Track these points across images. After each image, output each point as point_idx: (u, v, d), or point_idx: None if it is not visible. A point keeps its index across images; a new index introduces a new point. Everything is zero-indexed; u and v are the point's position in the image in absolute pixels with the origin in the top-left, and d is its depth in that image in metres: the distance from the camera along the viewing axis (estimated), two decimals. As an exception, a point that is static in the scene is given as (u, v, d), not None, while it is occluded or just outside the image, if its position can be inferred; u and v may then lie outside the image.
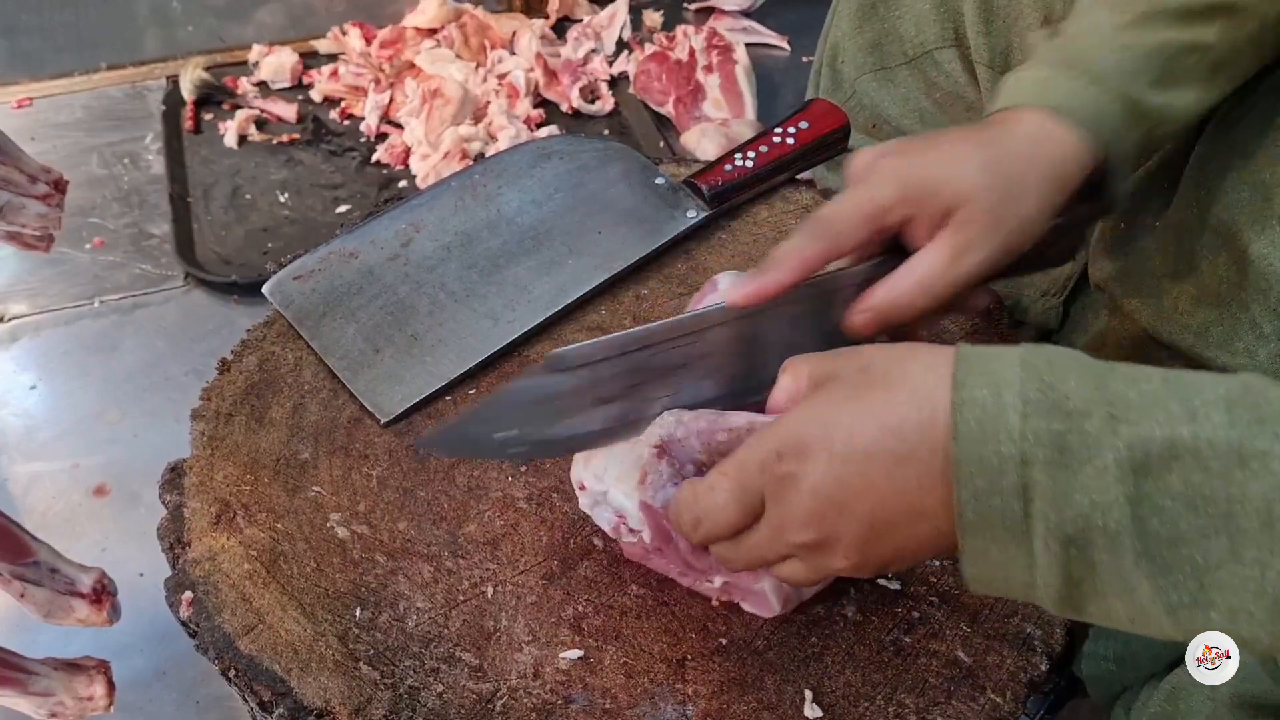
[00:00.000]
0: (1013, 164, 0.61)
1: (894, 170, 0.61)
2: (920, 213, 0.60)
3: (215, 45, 1.75)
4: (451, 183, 0.90)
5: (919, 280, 0.60)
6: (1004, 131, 0.63)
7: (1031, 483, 0.45)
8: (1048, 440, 0.45)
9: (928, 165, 0.61)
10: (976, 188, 0.59)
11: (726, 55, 1.67)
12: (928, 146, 0.62)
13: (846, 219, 0.60)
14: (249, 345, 0.80)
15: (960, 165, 0.60)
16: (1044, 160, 0.62)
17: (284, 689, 0.61)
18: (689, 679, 0.63)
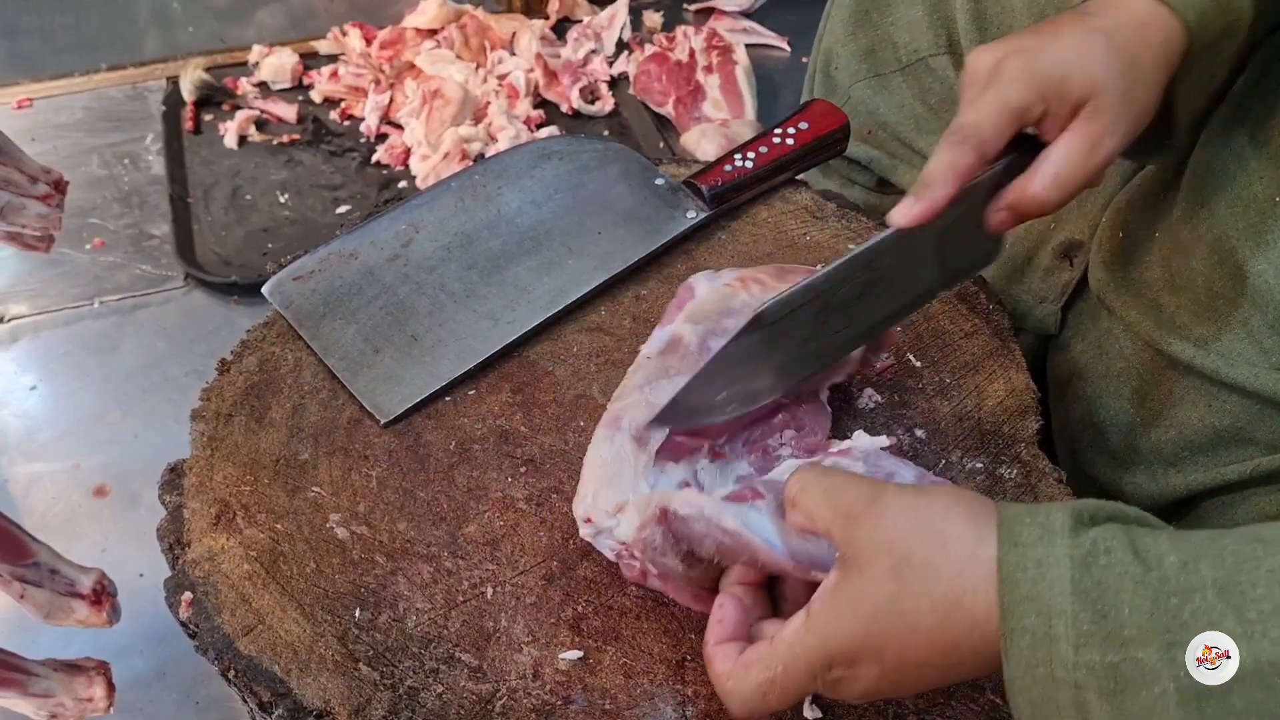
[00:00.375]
0: (1132, 50, 0.62)
1: (1023, 69, 0.62)
2: (1053, 107, 0.62)
3: (215, 46, 1.75)
4: (451, 183, 0.90)
5: (1058, 173, 0.62)
6: (1116, 17, 0.63)
7: (1088, 704, 0.44)
8: (1102, 672, 0.44)
9: (1056, 61, 0.62)
10: (1104, 77, 0.61)
11: (726, 56, 1.67)
12: (1048, 40, 0.63)
13: (990, 124, 0.61)
14: (249, 346, 0.80)
15: (1086, 56, 0.61)
16: (1156, 43, 0.63)
17: (283, 689, 0.61)
18: (689, 680, 0.63)
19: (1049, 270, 0.87)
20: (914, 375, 0.79)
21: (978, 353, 0.81)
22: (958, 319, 0.83)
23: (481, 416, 0.76)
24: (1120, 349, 0.80)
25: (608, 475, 0.65)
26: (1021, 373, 0.80)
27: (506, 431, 0.75)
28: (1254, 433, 0.73)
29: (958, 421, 0.76)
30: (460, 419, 0.76)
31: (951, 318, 0.83)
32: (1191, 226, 0.72)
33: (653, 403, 0.66)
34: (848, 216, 0.91)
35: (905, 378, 0.79)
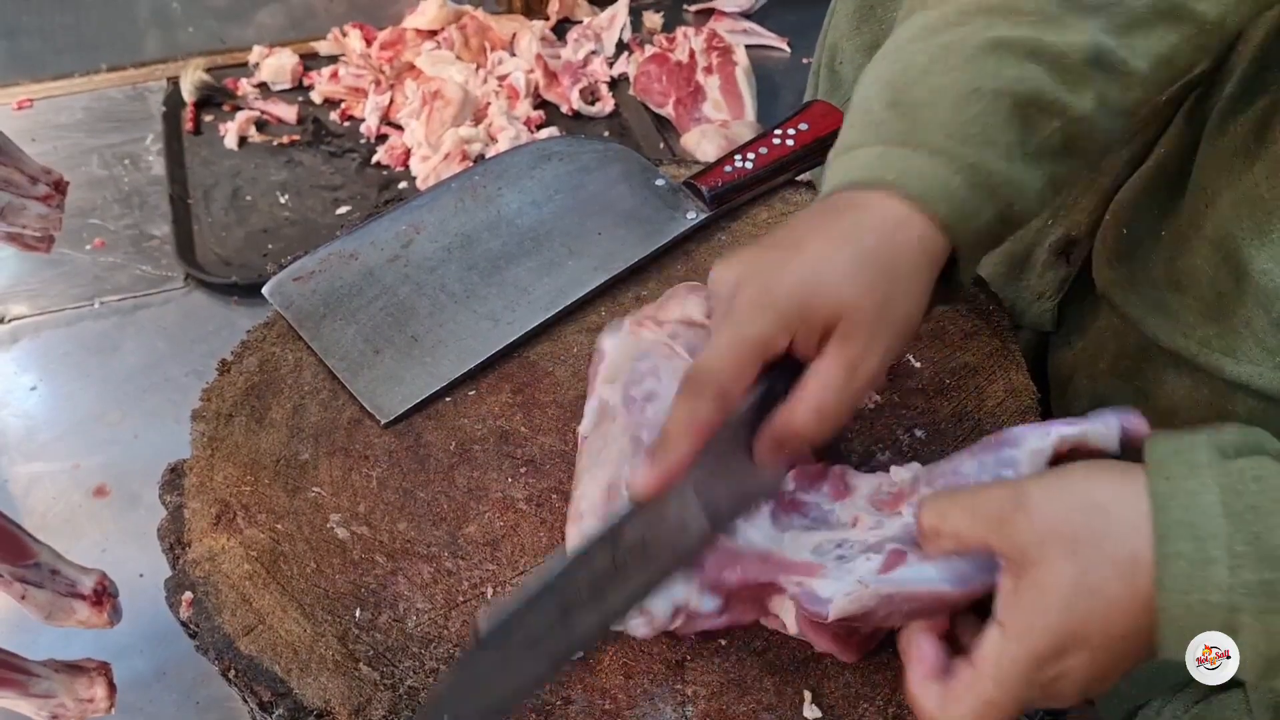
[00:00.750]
0: (884, 257, 0.56)
1: (760, 299, 0.55)
2: (800, 334, 0.55)
3: (216, 47, 1.75)
4: (451, 184, 0.90)
5: (819, 405, 0.55)
6: (863, 219, 0.57)
7: (1239, 624, 0.46)
8: (1258, 590, 0.46)
9: (796, 284, 0.55)
10: (853, 295, 0.55)
11: (726, 57, 1.67)
12: (788, 256, 0.56)
13: (729, 369, 0.55)
14: (249, 346, 0.80)
15: (831, 274, 0.55)
16: (912, 245, 0.57)
17: (284, 689, 0.61)
18: (688, 680, 0.63)
19: (1046, 267, 0.87)
20: (913, 375, 0.79)
21: (978, 353, 0.81)
22: (957, 319, 0.83)
23: (482, 417, 0.76)
24: (1124, 345, 0.80)
25: None
26: (1021, 373, 0.80)
27: (507, 432, 0.75)
28: None
29: (957, 422, 0.76)
30: (460, 419, 0.76)
31: (951, 318, 0.83)
32: (1195, 224, 0.72)
33: (602, 480, 0.64)
34: (847, 217, 0.91)
35: (904, 378, 0.79)
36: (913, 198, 0.57)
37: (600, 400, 0.68)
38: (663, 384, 0.67)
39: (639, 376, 0.68)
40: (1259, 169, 0.69)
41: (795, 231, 0.58)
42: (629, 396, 0.67)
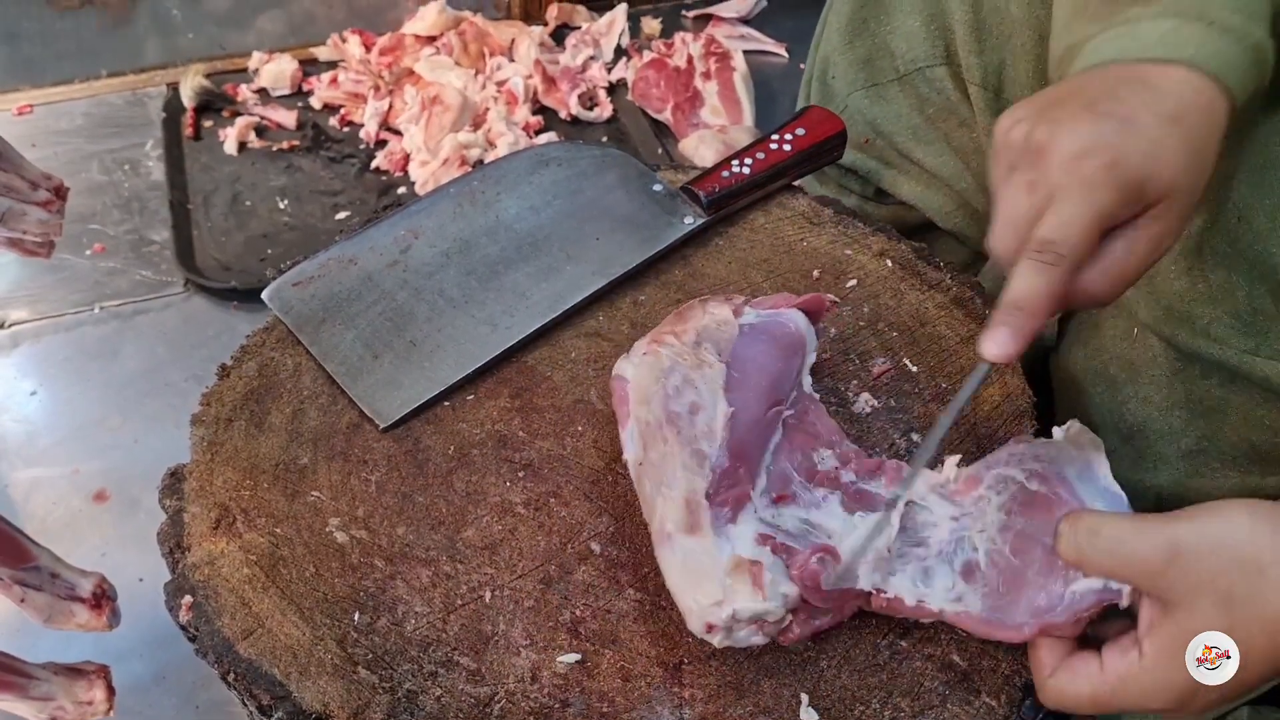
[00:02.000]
0: (1202, 140, 0.58)
1: (1110, 173, 0.56)
2: (1130, 209, 0.58)
3: (215, 53, 1.75)
4: (450, 189, 0.90)
5: (1119, 270, 0.58)
6: (1183, 99, 0.58)
7: None
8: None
9: (1140, 164, 0.56)
10: (1181, 181, 0.57)
11: (724, 62, 1.67)
12: (1127, 131, 0.57)
13: (1084, 240, 0.56)
14: (248, 351, 0.80)
15: (1166, 157, 0.57)
16: (1217, 129, 0.59)
17: (283, 693, 0.61)
18: (686, 683, 0.63)
19: None
20: (910, 380, 0.80)
21: (973, 357, 0.81)
22: (954, 324, 0.84)
23: (480, 421, 0.76)
24: (1138, 351, 0.80)
25: (691, 579, 0.62)
26: (1017, 377, 0.80)
27: (505, 436, 0.75)
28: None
29: (953, 426, 0.77)
30: (459, 424, 0.76)
31: (948, 323, 0.84)
32: (1227, 240, 0.71)
33: (677, 497, 0.65)
34: (844, 222, 0.91)
35: (902, 382, 0.79)
36: (1213, 76, 0.58)
37: (640, 423, 0.68)
38: (701, 393, 0.69)
39: (674, 391, 0.69)
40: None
41: (1116, 98, 0.58)
42: (672, 413, 0.68)
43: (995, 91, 0.91)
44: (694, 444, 0.66)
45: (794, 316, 0.74)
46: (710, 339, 0.71)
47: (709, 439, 0.67)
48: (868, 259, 0.89)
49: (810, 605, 0.62)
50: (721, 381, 0.69)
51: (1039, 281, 0.56)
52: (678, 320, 0.74)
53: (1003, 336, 0.56)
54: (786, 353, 0.72)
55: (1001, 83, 0.90)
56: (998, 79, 0.90)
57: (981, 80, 0.91)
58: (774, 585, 0.60)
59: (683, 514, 0.64)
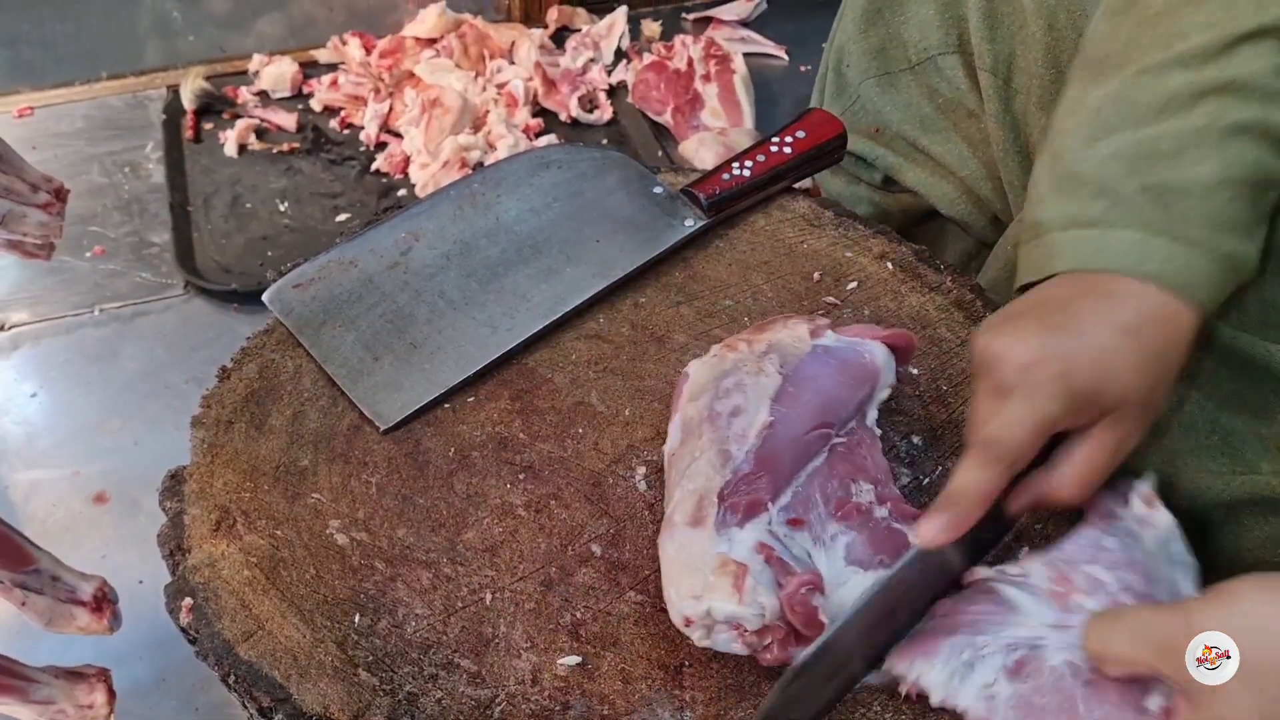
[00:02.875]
0: (1158, 349, 0.60)
1: (1058, 382, 0.59)
2: (1082, 417, 0.60)
3: (216, 55, 1.76)
4: (450, 191, 0.90)
5: (1084, 476, 0.61)
6: (1140, 309, 0.60)
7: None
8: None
9: (1090, 373, 0.59)
10: (1138, 388, 0.60)
11: (724, 65, 1.68)
12: (1078, 341, 0.60)
13: (1025, 444, 0.59)
14: (249, 353, 0.80)
15: (1118, 366, 0.59)
16: (1180, 338, 0.61)
17: (283, 695, 0.61)
18: (686, 685, 0.63)
19: None
20: (911, 383, 0.80)
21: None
22: (955, 327, 0.84)
23: (480, 423, 0.76)
24: None
25: (680, 570, 0.62)
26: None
27: (505, 438, 0.75)
28: None
29: (954, 429, 0.77)
30: (459, 426, 0.76)
31: (949, 325, 0.84)
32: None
33: (692, 490, 0.65)
34: (845, 224, 0.91)
35: (903, 385, 0.79)
36: (1178, 290, 0.60)
37: (684, 417, 0.70)
38: (748, 398, 0.69)
39: (724, 393, 0.70)
40: None
41: (1071, 310, 0.61)
42: (714, 412, 0.69)
43: (1005, 79, 0.91)
44: (724, 444, 0.67)
45: (873, 348, 0.73)
46: (779, 351, 0.72)
47: (740, 442, 0.67)
48: (868, 261, 0.89)
49: (794, 630, 0.61)
50: (772, 392, 0.69)
51: (978, 476, 0.60)
52: (757, 330, 0.75)
53: (939, 524, 0.60)
54: (853, 381, 0.72)
55: (1011, 71, 0.90)
56: (1008, 67, 0.91)
57: (992, 67, 0.91)
58: (754, 592, 0.60)
59: (692, 506, 0.64)
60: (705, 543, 0.62)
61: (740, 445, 0.67)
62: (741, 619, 0.60)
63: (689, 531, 0.63)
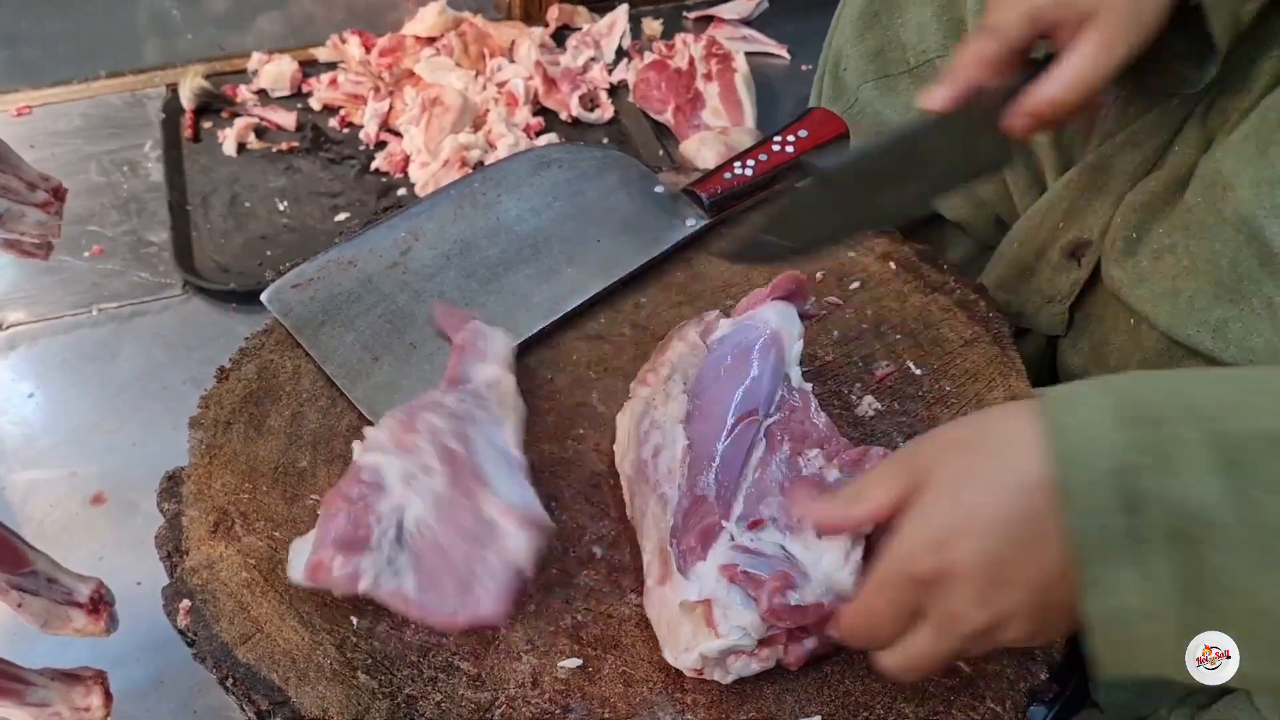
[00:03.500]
0: None
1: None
2: (1067, 15, 0.67)
3: (215, 54, 1.75)
4: (450, 191, 0.90)
5: (1073, 77, 0.66)
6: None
7: (1138, 493, 0.46)
8: (1145, 447, 0.46)
9: None
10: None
11: (726, 64, 1.67)
12: None
13: (1014, 21, 0.67)
14: (247, 353, 0.80)
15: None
16: None
17: (281, 698, 0.61)
18: (688, 688, 0.63)
19: (1056, 270, 0.87)
20: (914, 383, 0.79)
21: (978, 360, 0.81)
22: (958, 326, 0.83)
23: (480, 424, 0.75)
24: (1136, 346, 0.80)
25: (668, 630, 0.63)
26: (1022, 380, 0.80)
27: (506, 439, 0.75)
28: None
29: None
30: (459, 427, 0.75)
31: (952, 325, 0.83)
32: (1214, 210, 0.73)
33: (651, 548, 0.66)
34: (847, 224, 0.91)
35: (905, 385, 0.79)
36: None
37: (624, 479, 0.70)
38: (664, 432, 0.68)
39: (644, 437, 0.69)
40: (1274, 153, 0.70)
41: None
42: (641, 460, 0.68)
43: None
44: (659, 489, 0.66)
45: (766, 315, 0.72)
46: (680, 369, 0.71)
47: (670, 480, 0.66)
48: (871, 261, 0.88)
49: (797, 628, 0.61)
50: (680, 415, 0.68)
51: (971, 48, 0.68)
52: (657, 355, 0.74)
53: (939, 88, 0.69)
54: (760, 357, 0.71)
55: None
56: None
57: None
58: (727, 619, 0.59)
59: (657, 565, 0.64)
60: (676, 594, 0.62)
61: (671, 483, 0.66)
62: (733, 647, 0.59)
63: (661, 590, 0.63)
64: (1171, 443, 0.46)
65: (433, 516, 0.65)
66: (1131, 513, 0.46)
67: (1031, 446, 0.48)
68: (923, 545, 0.52)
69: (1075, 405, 0.49)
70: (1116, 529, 0.46)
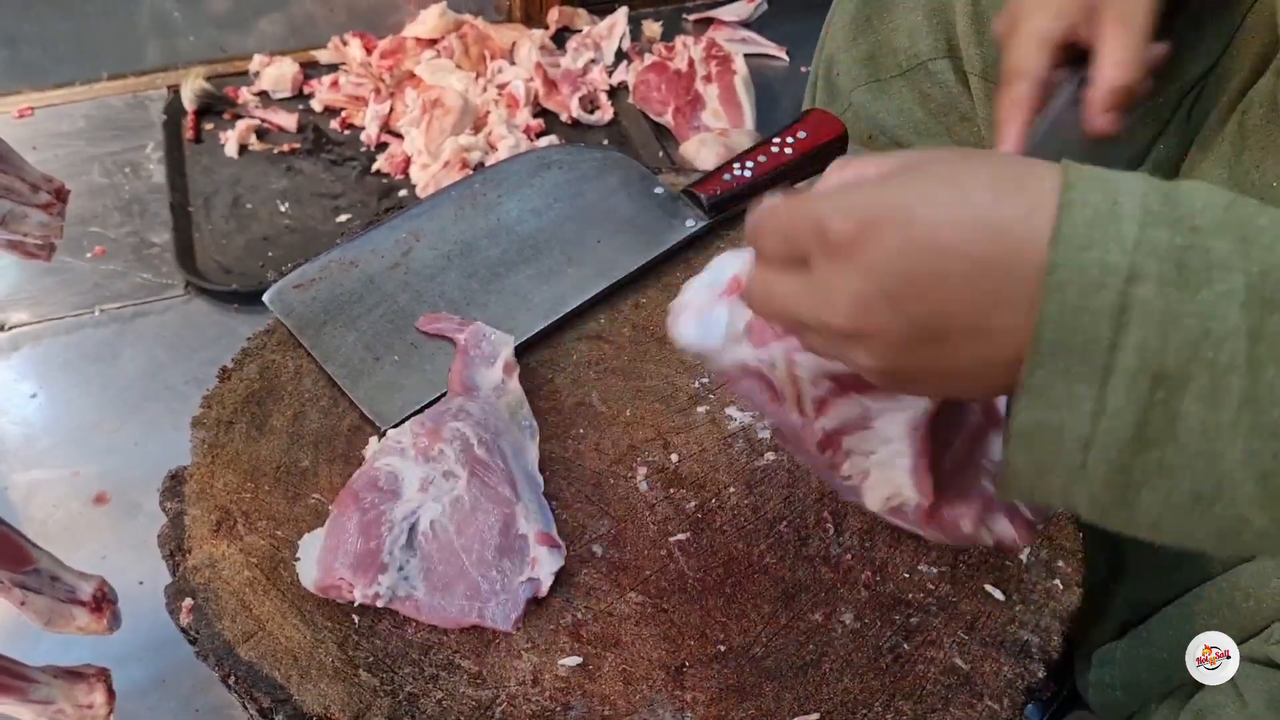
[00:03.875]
0: None
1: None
2: (1078, 19, 0.69)
3: (216, 55, 1.75)
4: (451, 192, 0.90)
5: (1123, 58, 0.68)
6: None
7: (1133, 303, 0.39)
8: (1165, 253, 0.39)
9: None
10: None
11: (725, 65, 1.67)
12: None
13: (1031, 57, 0.69)
14: (249, 353, 0.80)
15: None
16: None
17: (283, 696, 0.61)
18: (687, 686, 0.63)
19: None
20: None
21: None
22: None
23: (481, 424, 0.76)
24: None
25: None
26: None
27: (506, 439, 0.75)
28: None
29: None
30: (460, 426, 0.76)
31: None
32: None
33: None
34: (846, 225, 0.91)
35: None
36: None
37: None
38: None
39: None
40: (1247, 158, 0.72)
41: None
42: None
43: (995, 82, 0.91)
44: None
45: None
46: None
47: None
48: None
49: None
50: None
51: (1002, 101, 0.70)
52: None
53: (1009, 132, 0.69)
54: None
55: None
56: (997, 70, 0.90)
57: (982, 71, 0.91)
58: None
59: None
60: None
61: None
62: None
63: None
64: (1199, 257, 0.39)
65: (450, 520, 0.66)
66: (1119, 326, 0.39)
67: (1044, 203, 0.41)
68: (856, 210, 0.43)
69: (1104, 182, 0.41)
70: (1087, 336, 0.40)
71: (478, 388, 0.75)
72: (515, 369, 0.77)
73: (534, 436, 0.74)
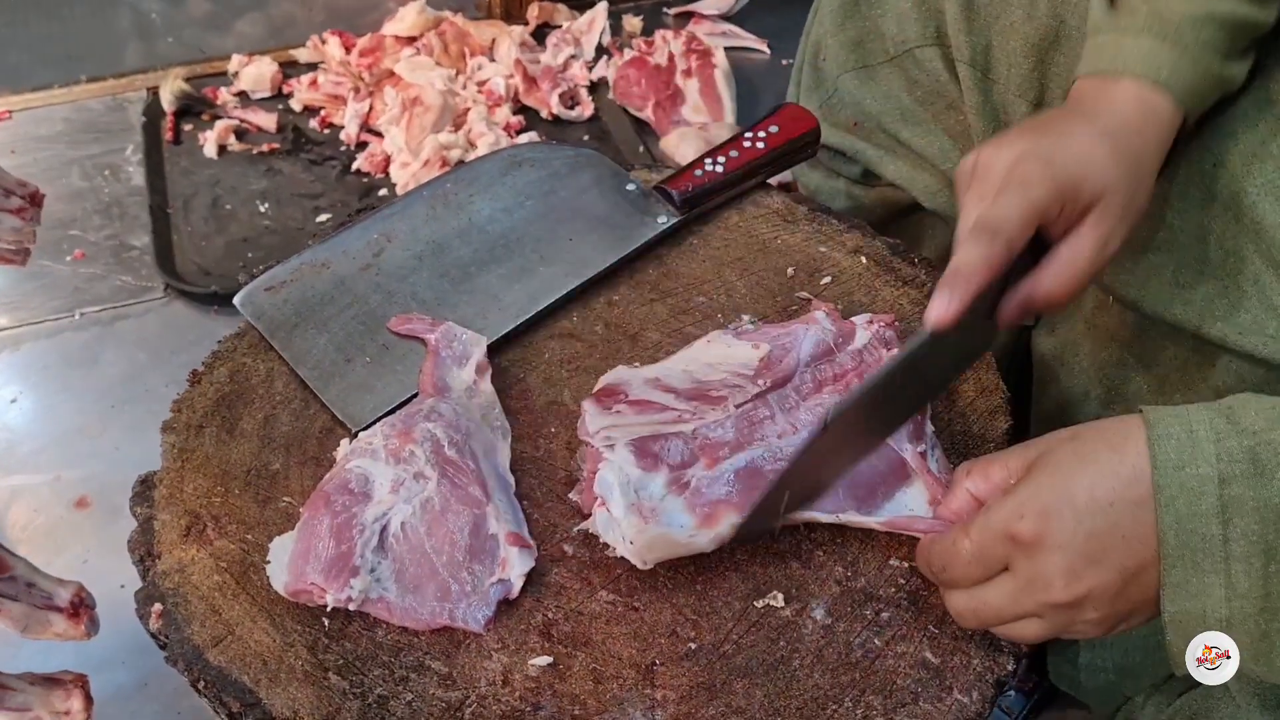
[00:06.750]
0: (1135, 153, 0.66)
1: (1044, 171, 0.64)
2: (1068, 208, 0.64)
3: (195, 56, 1.75)
4: (423, 192, 0.90)
5: (1071, 271, 0.65)
6: (1117, 119, 0.68)
7: (1231, 500, 0.51)
8: (1241, 456, 0.51)
9: (1072, 163, 0.64)
10: (1114, 181, 0.65)
11: (705, 59, 1.67)
12: (1060, 141, 0.66)
13: (1017, 221, 0.63)
14: (220, 357, 0.80)
15: (1097, 161, 0.65)
16: (1155, 139, 0.68)
17: (253, 700, 0.61)
18: (658, 684, 0.63)
19: None
20: (884, 377, 0.80)
21: (947, 353, 0.81)
22: (928, 320, 0.84)
23: (453, 424, 0.76)
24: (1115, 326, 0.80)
25: None
26: (991, 373, 0.80)
27: (478, 439, 0.75)
28: None
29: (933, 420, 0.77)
30: (432, 427, 0.76)
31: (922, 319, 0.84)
32: (1199, 185, 0.73)
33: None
34: (819, 220, 0.91)
35: (875, 379, 0.79)
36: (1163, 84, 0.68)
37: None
38: None
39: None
40: (1263, 127, 0.72)
41: (1060, 123, 0.69)
42: None
43: (984, 70, 0.91)
44: None
45: None
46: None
47: None
48: (842, 256, 0.89)
49: None
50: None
51: (975, 251, 0.62)
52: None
53: (942, 302, 0.62)
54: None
55: (989, 62, 0.90)
56: (985, 58, 0.90)
57: (970, 59, 0.91)
58: None
59: None
60: None
61: None
62: None
63: None
64: (1266, 448, 0.51)
65: (421, 522, 0.66)
66: (1225, 522, 0.51)
67: (1141, 444, 0.54)
68: (1029, 509, 0.56)
69: (1179, 416, 0.54)
70: (1207, 537, 0.52)
71: (449, 388, 0.75)
72: (488, 370, 0.77)
73: (506, 437, 0.74)
